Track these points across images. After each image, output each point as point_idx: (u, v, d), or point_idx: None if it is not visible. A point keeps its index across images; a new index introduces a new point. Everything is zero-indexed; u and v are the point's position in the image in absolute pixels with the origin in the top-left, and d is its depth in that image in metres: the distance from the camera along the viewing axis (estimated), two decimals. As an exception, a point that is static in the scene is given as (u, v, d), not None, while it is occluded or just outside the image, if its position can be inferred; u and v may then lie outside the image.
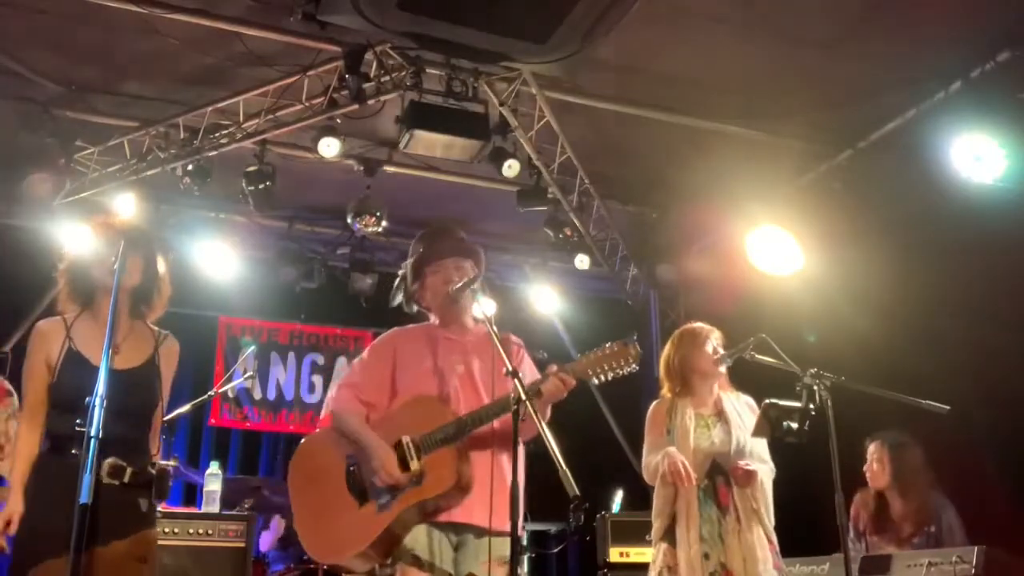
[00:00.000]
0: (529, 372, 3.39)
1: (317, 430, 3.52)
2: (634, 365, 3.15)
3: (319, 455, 3.31)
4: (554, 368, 3.17)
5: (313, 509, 3.23)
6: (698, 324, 4.36)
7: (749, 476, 3.94)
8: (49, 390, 3.10)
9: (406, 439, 3.12)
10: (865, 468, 4.89)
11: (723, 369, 4.20)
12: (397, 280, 3.63)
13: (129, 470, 3.04)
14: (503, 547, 3.09)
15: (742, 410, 4.19)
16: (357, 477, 3.16)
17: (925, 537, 4.59)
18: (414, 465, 3.08)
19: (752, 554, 3.86)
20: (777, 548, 3.99)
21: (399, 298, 3.59)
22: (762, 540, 3.91)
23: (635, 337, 3.21)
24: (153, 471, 3.14)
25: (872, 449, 4.90)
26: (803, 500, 4.86)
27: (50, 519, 2.88)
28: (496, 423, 3.17)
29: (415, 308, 3.54)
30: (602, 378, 3.19)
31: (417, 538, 3.08)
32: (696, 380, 4.22)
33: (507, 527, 3.08)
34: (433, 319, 3.50)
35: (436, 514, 3.09)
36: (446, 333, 3.41)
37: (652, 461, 4.08)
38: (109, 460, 2.97)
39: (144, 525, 3.12)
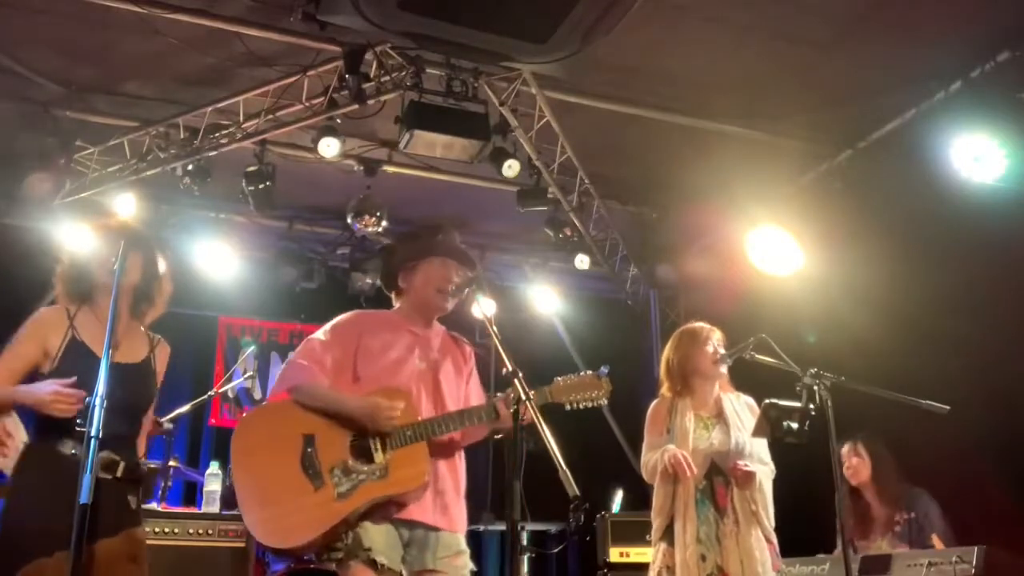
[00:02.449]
0: (475, 386, 3.42)
1: (267, 403, 3.34)
2: (604, 399, 3.18)
3: (270, 428, 3.12)
4: (511, 395, 2.99)
5: (261, 487, 3.02)
6: (699, 324, 4.36)
7: (748, 477, 3.94)
8: (42, 376, 3.02)
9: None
10: (844, 469, 4.91)
11: (724, 370, 4.20)
12: (386, 246, 3.56)
13: (122, 464, 3.01)
14: (455, 542, 3.14)
15: (742, 411, 4.19)
16: (313, 459, 3.02)
17: (906, 525, 4.63)
18: (379, 458, 3.01)
19: (750, 556, 3.86)
20: (777, 549, 3.99)
21: (380, 265, 3.51)
22: (760, 542, 3.91)
23: (606, 371, 3.22)
24: (144, 469, 3.13)
25: (847, 448, 4.98)
26: (803, 500, 4.87)
27: (40, 516, 2.84)
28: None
29: (388, 280, 3.44)
30: (574, 406, 3.19)
31: (371, 535, 2.98)
32: (696, 380, 4.21)
33: (459, 528, 3.17)
34: (397, 305, 3.42)
35: (395, 510, 3.03)
36: (411, 327, 3.33)
37: (651, 459, 4.09)
38: (103, 454, 2.89)
39: (134, 523, 3.09)
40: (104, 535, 2.93)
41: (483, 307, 3.18)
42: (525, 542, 6.79)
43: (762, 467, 4.04)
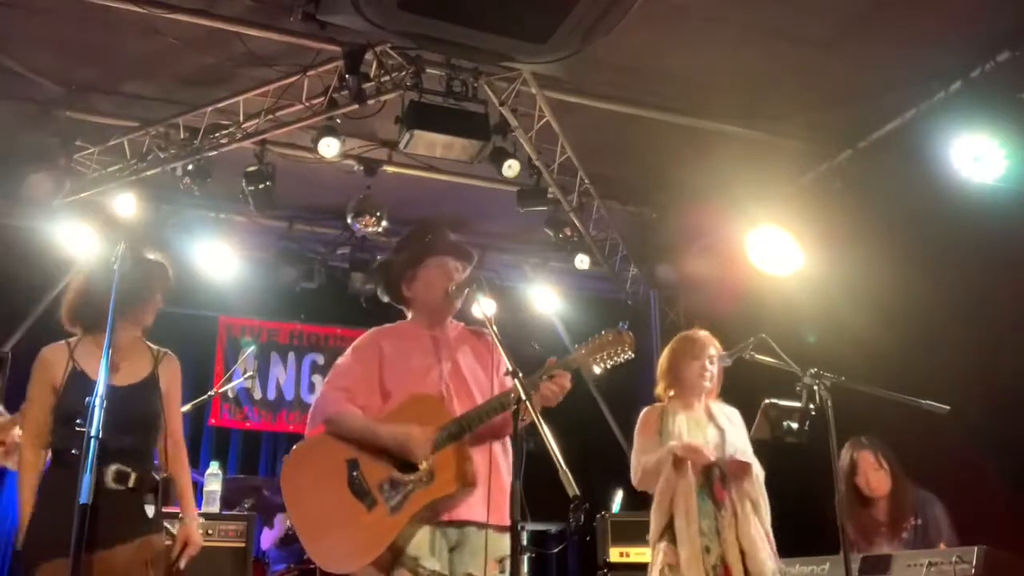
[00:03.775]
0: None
1: (306, 439, 3.39)
2: (630, 352, 3.16)
3: (314, 462, 3.17)
4: (554, 360, 3.12)
5: (318, 519, 3.08)
6: (699, 333, 4.37)
7: (744, 467, 3.96)
8: (53, 410, 3.16)
9: None
10: (865, 480, 4.66)
11: (707, 384, 4.21)
12: (380, 262, 3.57)
13: (133, 475, 3.11)
14: (502, 544, 3.11)
15: (733, 419, 4.22)
16: (361, 481, 3.06)
17: (913, 531, 4.58)
18: (423, 465, 3.03)
19: (751, 545, 3.85)
20: (774, 547, 3.99)
21: (379, 283, 3.51)
22: (760, 533, 3.91)
23: (626, 325, 3.21)
24: (158, 478, 3.21)
25: (867, 460, 4.68)
26: (803, 500, 4.86)
27: (54, 524, 2.93)
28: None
29: (393, 294, 3.43)
30: (603, 366, 3.18)
31: (418, 542, 3.01)
32: (684, 389, 4.25)
33: (507, 522, 3.12)
34: (409, 315, 3.43)
35: (442, 513, 3.05)
36: (428, 331, 3.34)
37: (648, 460, 4.09)
38: (113, 467, 3.06)
39: (150, 530, 3.17)
40: (120, 542, 3.05)
41: (483, 307, 3.15)
42: (525, 542, 6.78)
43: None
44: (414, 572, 2.97)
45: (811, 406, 3.77)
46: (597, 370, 3.18)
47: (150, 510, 3.17)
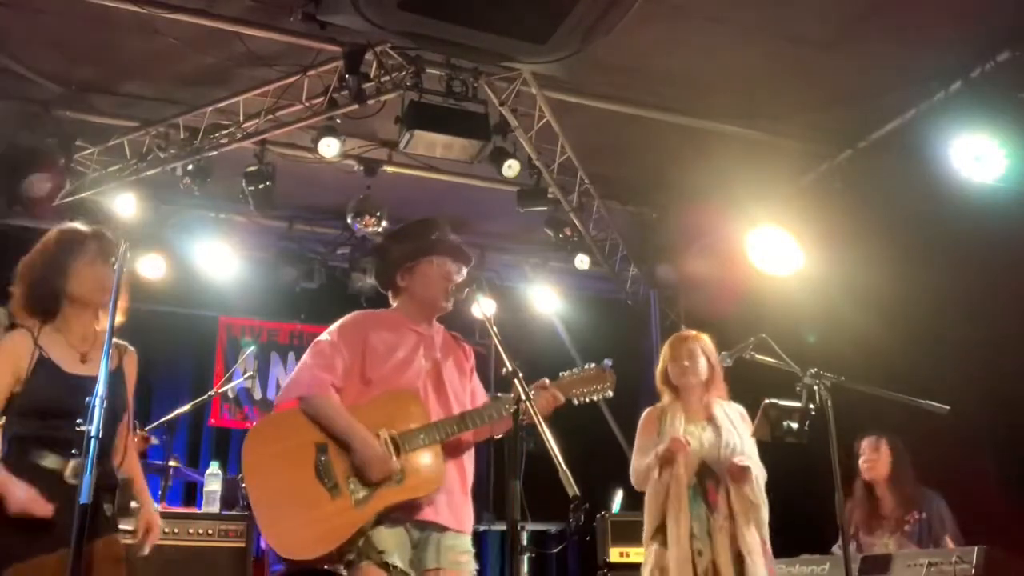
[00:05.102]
0: (477, 384, 3.42)
1: (275, 412, 3.29)
2: (609, 391, 3.20)
3: (281, 437, 3.08)
4: (546, 382, 3.14)
5: (277, 499, 2.98)
6: (683, 333, 4.47)
7: (743, 472, 3.96)
8: (14, 397, 3.00)
9: (384, 434, 3.03)
10: (862, 462, 4.90)
11: (693, 380, 4.23)
12: (379, 245, 3.56)
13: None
14: (464, 543, 3.15)
15: (734, 417, 4.22)
16: (328, 467, 2.99)
17: (917, 524, 4.62)
18: (394, 463, 3.00)
19: (743, 551, 3.87)
20: (770, 551, 4.00)
21: (374, 264, 3.50)
22: (755, 538, 3.91)
23: (610, 363, 3.24)
24: (117, 478, 3.08)
25: (868, 442, 4.93)
26: (803, 500, 4.87)
27: (14, 523, 2.83)
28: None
29: (385, 280, 3.42)
30: (582, 400, 3.21)
31: (384, 537, 2.98)
32: (679, 391, 4.27)
33: (467, 527, 3.17)
34: (396, 304, 3.42)
35: (407, 513, 3.03)
36: (413, 326, 3.32)
37: (641, 464, 4.14)
38: (73, 462, 2.90)
39: (112, 529, 3.07)
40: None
41: (483, 307, 3.15)
42: (525, 542, 6.79)
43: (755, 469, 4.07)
44: (381, 565, 2.94)
45: (811, 406, 3.78)
46: (575, 402, 3.18)
47: (108, 509, 3.05)
